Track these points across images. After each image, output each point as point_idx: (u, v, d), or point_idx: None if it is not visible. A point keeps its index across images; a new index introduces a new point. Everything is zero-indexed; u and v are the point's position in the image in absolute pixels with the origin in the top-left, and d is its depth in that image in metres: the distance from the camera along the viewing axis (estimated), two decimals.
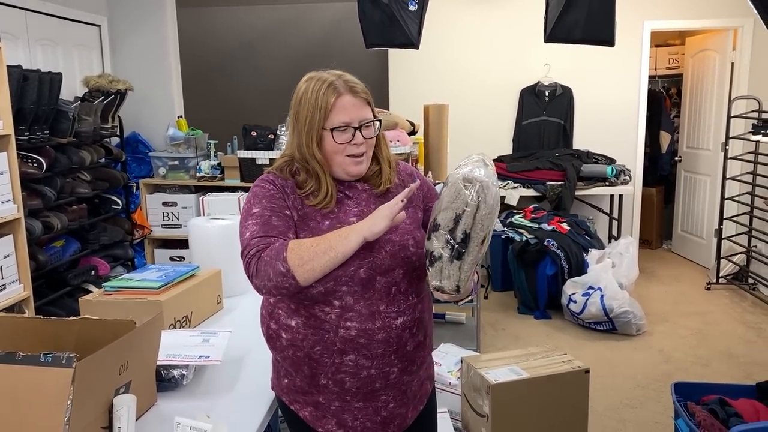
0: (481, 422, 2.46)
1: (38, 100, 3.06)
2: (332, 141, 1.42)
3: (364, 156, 1.45)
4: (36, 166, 3.11)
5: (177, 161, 4.29)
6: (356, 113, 1.43)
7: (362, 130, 1.43)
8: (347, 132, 1.42)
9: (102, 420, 1.42)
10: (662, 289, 5.00)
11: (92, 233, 3.71)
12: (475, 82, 5.45)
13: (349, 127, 1.42)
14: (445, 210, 1.31)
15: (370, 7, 3.76)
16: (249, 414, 1.59)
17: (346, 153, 1.43)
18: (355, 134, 1.42)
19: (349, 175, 1.45)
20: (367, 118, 1.45)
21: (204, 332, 1.93)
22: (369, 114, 1.46)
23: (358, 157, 1.44)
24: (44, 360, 1.34)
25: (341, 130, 1.42)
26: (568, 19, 3.56)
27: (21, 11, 3.61)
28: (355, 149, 1.43)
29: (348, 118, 1.42)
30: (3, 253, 2.72)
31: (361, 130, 1.42)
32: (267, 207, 1.43)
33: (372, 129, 1.46)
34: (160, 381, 1.70)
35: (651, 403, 3.18)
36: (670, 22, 5.35)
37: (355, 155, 1.43)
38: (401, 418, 1.51)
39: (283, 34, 6.31)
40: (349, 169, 1.44)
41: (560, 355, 2.63)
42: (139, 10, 4.57)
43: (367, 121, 1.44)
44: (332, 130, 1.42)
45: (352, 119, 1.42)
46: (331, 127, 1.42)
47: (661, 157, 6.23)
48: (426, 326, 1.52)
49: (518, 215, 4.82)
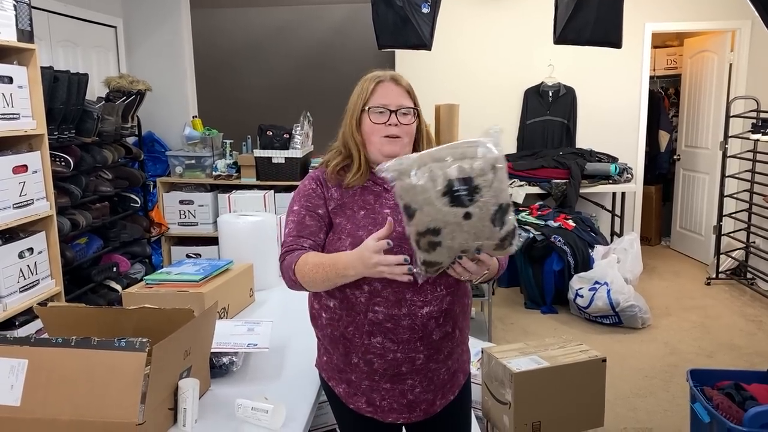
0: (503, 410, 2.57)
1: (67, 100, 3.14)
2: (369, 121, 1.52)
3: (400, 139, 1.52)
4: (64, 164, 3.19)
5: (193, 160, 4.37)
6: (395, 99, 1.52)
7: (399, 115, 1.51)
8: (384, 114, 1.51)
9: (169, 402, 1.52)
10: (663, 285, 5.14)
11: (113, 231, 3.79)
12: (480, 82, 5.56)
13: (386, 109, 1.51)
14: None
15: (384, 9, 3.86)
16: (299, 395, 1.69)
17: (382, 134, 1.51)
18: (391, 117, 1.51)
19: (383, 154, 1.51)
20: (405, 105, 1.53)
21: (248, 322, 2.02)
22: (408, 103, 1.55)
23: (393, 137, 1.51)
24: (118, 345, 1.43)
25: (378, 112, 1.52)
26: (577, 21, 3.66)
27: (44, 13, 3.69)
28: (390, 130, 1.51)
29: (386, 101, 1.52)
30: (37, 249, 2.79)
31: (397, 114, 1.51)
32: (304, 206, 1.57)
33: (410, 116, 1.53)
34: (212, 368, 1.79)
35: (660, 392, 3.30)
36: (671, 24, 5.48)
37: (390, 135, 1.51)
38: (428, 404, 1.57)
39: (293, 34, 6.39)
40: (383, 148, 1.52)
41: (577, 344, 2.74)
42: (154, 11, 4.65)
43: (405, 107, 1.53)
44: (369, 111, 1.52)
45: (389, 102, 1.52)
46: (369, 107, 1.53)
47: (660, 156, 6.36)
48: (456, 319, 1.55)
49: (524, 212, 4.93)
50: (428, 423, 1.61)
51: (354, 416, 1.59)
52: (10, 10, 2.66)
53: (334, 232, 1.53)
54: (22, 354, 1.43)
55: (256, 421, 1.51)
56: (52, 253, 2.91)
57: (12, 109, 2.63)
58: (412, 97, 1.56)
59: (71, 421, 1.39)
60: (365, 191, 1.55)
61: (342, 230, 1.51)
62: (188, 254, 4.39)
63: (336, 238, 1.51)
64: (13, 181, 2.63)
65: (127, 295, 2.20)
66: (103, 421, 1.38)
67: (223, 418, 1.57)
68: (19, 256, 2.68)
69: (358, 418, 1.58)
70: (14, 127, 2.66)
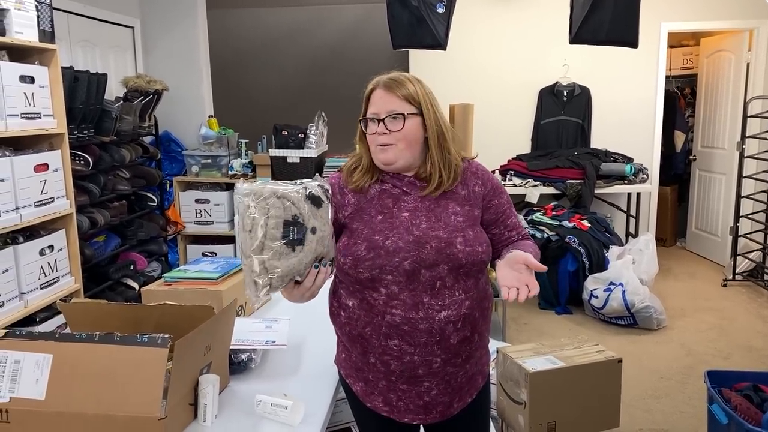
0: (518, 409, 2.57)
1: (86, 100, 3.18)
2: (367, 132, 1.54)
3: (392, 146, 1.50)
4: (83, 163, 3.23)
5: (209, 159, 4.41)
6: (383, 106, 1.51)
7: (387, 121, 1.50)
8: (374, 123, 1.52)
9: (189, 397, 1.54)
10: (679, 286, 5.10)
11: (130, 229, 3.83)
12: (494, 82, 5.55)
13: (375, 118, 1.51)
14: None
15: (399, 10, 3.87)
16: (317, 392, 1.70)
17: (376, 143, 1.52)
18: (379, 125, 1.50)
19: (378, 162, 1.53)
20: (395, 111, 1.49)
21: (265, 319, 2.04)
22: (400, 107, 1.49)
23: (383, 145, 1.51)
24: (141, 341, 1.45)
25: (371, 121, 1.52)
26: (593, 20, 3.65)
27: (64, 14, 3.74)
28: (379, 139, 1.51)
29: (376, 109, 1.52)
30: (57, 247, 2.83)
31: (385, 121, 1.50)
32: None
33: (399, 122, 1.49)
34: (230, 364, 1.81)
35: (676, 394, 3.28)
36: (687, 23, 5.44)
37: (380, 144, 1.51)
38: (444, 406, 1.56)
39: (308, 34, 6.43)
40: (377, 156, 1.53)
41: (592, 345, 2.73)
42: (171, 12, 4.69)
43: (394, 113, 1.49)
44: (363, 122, 1.55)
45: (379, 111, 1.51)
46: (363, 118, 1.55)
47: (675, 156, 6.32)
48: (475, 323, 1.53)
49: (539, 213, 4.92)
50: (445, 424, 1.60)
51: (371, 414, 1.60)
52: (32, 11, 2.70)
53: (350, 236, 1.53)
54: (47, 349, 1.46)
55: (275, 417, 1.52)
56: (72, 250, 2.95)
57: (34, 109, 2.67)
58: (412, 101, 1.51)
59: (95, 415, 1.41)
60: (384, 195, 1.55)
61: (359, 235, 1.51)
62: (204, 252, 4.43)
63: (352, 243, 1.51)
64: (35, 179, 2.67)
65: (146, 292, 2.22)
66: (126, 415, 1.40)
67: (242, 414, 1.58)
68: (40, 253, 2.72)
69: (376, 417, 1.59)
70: (36, 126, 2.70)
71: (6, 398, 1.43)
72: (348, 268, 1.50)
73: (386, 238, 1.48)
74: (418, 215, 1.51)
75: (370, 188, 1.56)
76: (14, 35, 2.60)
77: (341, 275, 1.57)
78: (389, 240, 1.47)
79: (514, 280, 1.38)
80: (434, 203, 1.53)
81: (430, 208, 1.52)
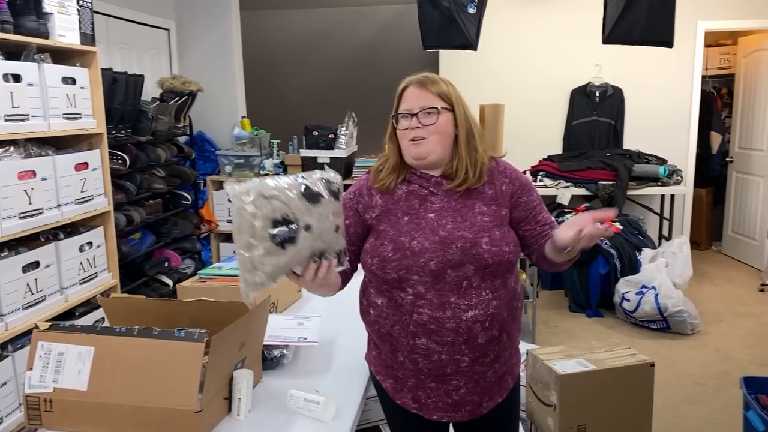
0: (547, 412, 2.55)
1: (124, 100, 3.27)
2: (398, 128, 1.55)
3: (425, 140, 1.51)
4: (120, 162, 3.32)
5: (242, 159, 4.48)
6: (417, 102, 1.52)
7: (421, 115, 1.51)
8: (407, 118, 1.53)
9: (224, 391, 1.57)
10: (714, 290, 5.00)
11: (165, 227, 3.91)
12: (525, 82, 5.52)
13: (409, 113, 1.52)
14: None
15: (430, 10, 3.87)
16: (348, 389, 1.72)
17: (408, 138, 1.53)
18: (412, 120, 1.52)
19: (411, 157, 1.54)
20: (428, 105, 1.51)
21: (297, 317, 2.07)
22: (433, 102, 1.52)
23: (417, 140, 1.52)
24: (178, 335, 1.49)
25: (403, 117, 1.54)
26: (627, 20, 3.60)
27: (103, 17, 3.84)
28: (413, 132, 1.52)
29: (409, 105, 1.53)
30: (96, 243, 2.91)
31: (419, 116, 1.51)
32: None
33: (433, 116, 1.51)
34: (263, 360, 1.84)
35: (711, 400, 3.22)
36: (725, 22, 5.32)
37: (413, 138, 1.52)
38: (473, 405, 1.56)
39: (338, 35, 6.47)
40: (409, 151, 1.54)
41: (624, 348, 2.70)
42: (205, 14, 4.78)
43: (428, 107, 1.51)
44: (395, 118, 1.56)
45: (412, 106, 1.52)
46: (395, 115, 1.56)
47: (712, 158, 6.18)
48: (503, 323, 1.53)
49: (570, 214, 4.87)
50: (474, 423, 1.61)
51: (401, 411, 1.61)
52: (74, 15, 2.78)
53: (377, 237, 1.55)
54: (89, 341, 1.51)
55: (307, 413, 1.55)
56: (110, 247, 3.03)
57: (75, 109, 2.75)
58: (444, 98, 1.53)
59: (133, 407, 1.46)
60: (411, 195, 1.56)
61: (385, 236, 1.53)
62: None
63: (379, 244, 1.53)
64: (75, 177, 2.75)
65: (182, 288, 2.27)
66: (163, 407, 1.44)
67: (275, 409, 1.61)
68: (80, 249, 2.80)
69: (405, 413, 1.60)
70: (76, 126, 2.78)
71: (50, 388, 1.49)
72: (375, 268, 1.52)
73: (412, 239, 1.49)
74: (444, 215, 1.52)
75: (397, 189, 1.58)
76: (57, 38, 2.69)
77: (369, 275, 1.59)
78: (415, 241, 1.49)
79: (581, 222, 1.38)
80: (460, 203, 1.53)
81: (456, 209, 1.52)
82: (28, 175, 2.46)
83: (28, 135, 2.50)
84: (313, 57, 6.48)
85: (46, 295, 2.58)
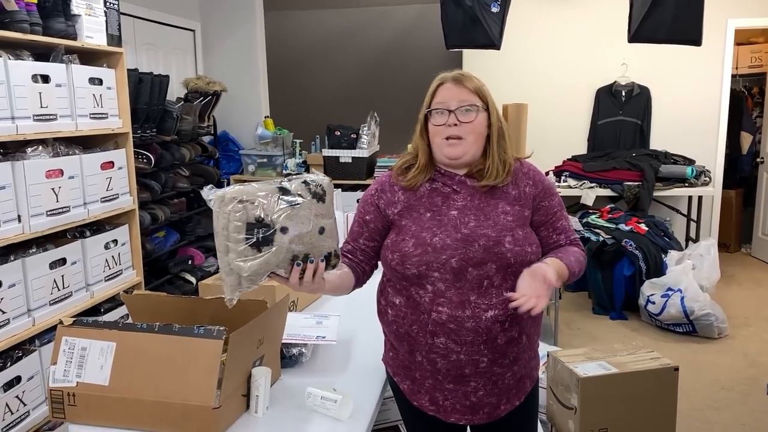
0: (568, 414, 2.53)
1: (150, 100, 3.32)
2: (432, 124, 1.53)
3: (462, 140, 1.50)
4: (145, 161, 3.37)
5: (265, 159, 4.52)
6: (454, 96, 1.50)
7: (459, 113, 1.49)
8: (443, 114, 1.50)
9: (242, 388, 1.59)
10: (743, 294, 4.88)
11: (189, 225, 3.96)
12: (550, 81, 5.46)
13: (445, 109, 1.50)
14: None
15: (453, 9, 3.86)
16: (366, 388, 1.73)
17: (443, 135, 1.51)
18: (450, 116, 1.49)
19: (445, 156, 1.52)
20: (466, 102, 1.50)
21: (316, 315, 2.08)
22: (471, 99, 1.50)
23: (452, 138, 1.50)
24: (198, 332, 1.51)
25: (438, 112, 1.51)
26: (654, 18, 3.54)
27: (130, 18, 3.91)
28: (449, 131, 1.50)
29: (444, 99, 1.51)
30: (121, 241, 2.96)
31: (456, 112, 1.49)
32: (360, 211, 1.64)
33: (472, 113, 1.49)
34: (282, 358, 1.85)
35: (737, 406, 3.15)
36: (756, 19, 5.20)
37: (449, 137, 1.50)
38: (491, 407, 1.55)
39: (361, 36, 6.49)
40: (444, 150, 1.51)
41: (647, 352, 2.65)
42: (230, 15, 4.84)
43: (466, 104, 1.49)
44: (430, 113, 1.53)
45: (449, 102, 1.50)
46: (430, 110, 1.53)
47: (742, 159, 6.04)
48: (523, 324, 1.52)
49: (594, 215, 4.81)
50: (492, 426, 1.59)
51: (418, 413, 1.61)
52: (101, 17, 2.83)
53: (398, 233, 1.54)
54: (111, 337, 1.54)
55: (324, 411, 1.55)
56: (134, 245, 3.08)
57: (101, 109, 2.80)
58: (480, 95, 1.53)
59: (153, 402, 1.48)
60: (434, 193, 1.55)
61: (407, 231, 1.52)
62: None
63: (400, 239, 1.52)
64: (101, 176, 2.80)
65: (203, 286, 2.30)
66: (183, 403, 1.46)
67: (292, 407, 1.62)
68: (105, 247, 2.85)
69: (422, 415, 1.60)
70: (103, 126, 2.83)
71: (73, 383, 1.52)
72: (395, 264, 1.51)
73: (434, 235, 1.48)
74: (467, 213, 1.51)
75: (420, 186, 1.57)
76: (85, 39, 2.74)
77: (389, 272, 1.58)
78: (437, 237, 1.48)
79: (527, 288, 1.38)
80: (484, 202, 1.52)
81: (479, 207, 1.51)
82: (55, 173, 2.52)
83: (56, 134, 2.55)
84: (336, 57, 6.51)
85: (72, 291, 2.63)
